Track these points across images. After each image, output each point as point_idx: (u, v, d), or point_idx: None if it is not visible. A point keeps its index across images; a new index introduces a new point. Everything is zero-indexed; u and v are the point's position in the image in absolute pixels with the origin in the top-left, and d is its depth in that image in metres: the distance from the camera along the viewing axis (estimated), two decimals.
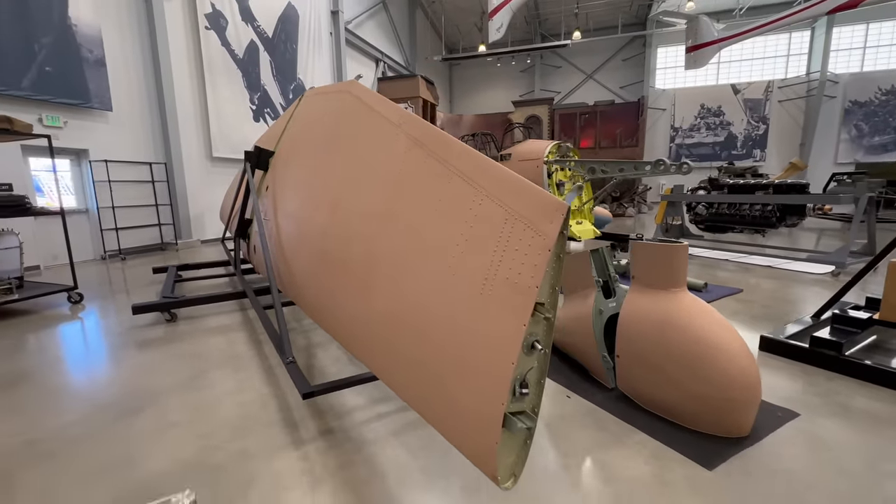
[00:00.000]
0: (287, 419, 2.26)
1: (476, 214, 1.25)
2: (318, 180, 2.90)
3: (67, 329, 3.87)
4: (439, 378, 1.21)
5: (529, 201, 1.09)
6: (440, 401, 1.21)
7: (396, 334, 1.50)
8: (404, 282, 1.51)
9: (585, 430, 2.10)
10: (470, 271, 1.19)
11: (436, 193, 1.50)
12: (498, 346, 1.04)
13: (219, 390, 2.63)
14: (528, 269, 1.03)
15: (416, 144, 1.76)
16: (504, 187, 1.20)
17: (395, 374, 1.53)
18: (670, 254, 2.22)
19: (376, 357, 1.68)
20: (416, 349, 1.36)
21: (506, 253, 1.10)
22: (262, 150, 5.05)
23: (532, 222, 1.06)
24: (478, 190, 1.29)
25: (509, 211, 1.14)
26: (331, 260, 2.29)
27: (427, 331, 1.30)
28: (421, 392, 1.34)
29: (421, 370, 1.33)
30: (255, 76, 10.57)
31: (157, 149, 8.45)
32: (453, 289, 1.23)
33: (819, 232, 10.13)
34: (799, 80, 18.86)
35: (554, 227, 1.00)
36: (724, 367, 1.99)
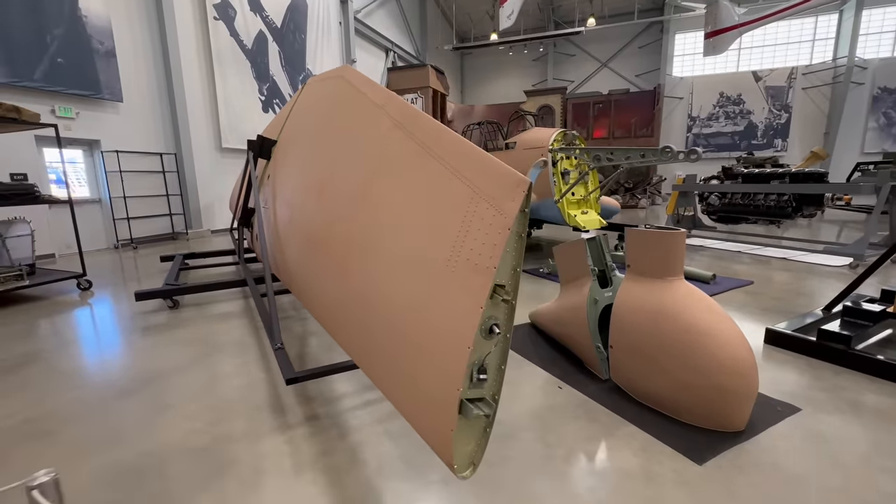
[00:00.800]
0: (276, 404, 2.27)
1: (445, 194, 1.21)
2: (310, 167, 2.88)
3: (75, 315, 3.96)
4: (403, 362, 1.18)
5: (493, 179, 1.03)
6: (404, 386, 1.17)
7: (368, 317, 1.47)
8: (377, 264, 1.48)
9: (575, 422, 2.05)
10: (435, 252, 1.15)
11: (410, 174, 1.46)
12: (455, 329, 0.99)
13: (214, 374, 2.65)
14: (487, 249, 0.98)
15: (397, 125, 1.72)
16: (472, 166, 1.15)
17: (368, 359, 1.51)
18: (666, 241, 2.13)
19: (353, 341, 1.66)
20: (384, 333, 1.33)
21: (469, 233, 1.05)
22: (264, 139, 5.05)
23: (494, 200, 1.01)
24: (448, 169, 1.24)
25: (475, 189, 1.09)
26: (316, 245, 2.27)
27: (394, 314, 1.26)
28: (389, 377, 1.31)
29: (388, 354, 1.30)
30: (263, 67, 10.59)
31: (167, 139, 8.56)
32: (420, 270, 1.19)
33: (841, 224, 9.76)
34: (825, 66, 18.08)
35: (514, 205, 0.95)
36: (715, 354, 1.91)
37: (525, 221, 0.96)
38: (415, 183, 1.40)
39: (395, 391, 1.26)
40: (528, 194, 0.94)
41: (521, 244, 0.97)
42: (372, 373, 1.47)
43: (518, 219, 0.94)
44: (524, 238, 0.96)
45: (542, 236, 8.35)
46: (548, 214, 5.49)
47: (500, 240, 0.95)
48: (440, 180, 1.25)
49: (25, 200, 4.26)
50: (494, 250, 0.96)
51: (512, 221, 0.94)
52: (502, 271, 0.96)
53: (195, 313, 3.96)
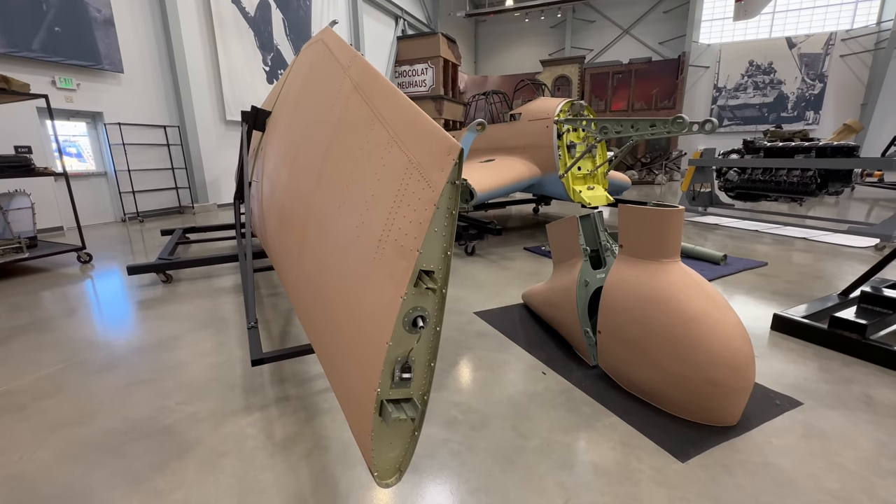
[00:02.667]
0: (249, 384, 2.21)
1: (384, 164, 1.06)
2: (288, 138, 2.74)
3: (71, 288, 3.98)
4: (337, 356, 1.07)
5: (425, 145, 0.88)
6: (338, 381, 1.06)
7: (317, 303, 1.36)
8: (324, 245, 1.36)
9: (554, 411, 1.94)
10: (370, 231, 1.01)
11: (360, 143, 1.31)
12: (375, 321, 0.86)
13: (194, 351, 2.62)
14: (412, 229, 0.83)
15: (355, 89, 1.55)
16: (412, 131, 0.99)
17: (319, 347, 1.40)
18: (661, 219, 1.94)
19: (308, 326, 1.55)
20: (327, 321, 1.22)
21: (399, 209, 0.91)
22: (259, 110, 4.90)
23: (424, 170, 0.86)
24: (391, 135, 1.09)
25: (410, 158, 0.94)
26: (284, 222, 2.16)
27: (332, 302, 1.14)
28: (330, 369, 1.20)
29: (329, 345, 1.19)
30: (267, 35, 10.30)
31: (170, 112, 8.47)
32: (355, 251, 1.06)
33: (871, 202, 9.20)
34: (867, 30, 16.73)
35: (442, 176, 0.80)
36: (708, 346, 1.76)
37: (456, 195, 0.81)
38: (362, 152, 1.25)
39: (334, 385, 1.16)
40: (458, 163, 0.79)
41: (451, 222, 0.82)
42: (322, 361, 1.37)
43: (447, 192, 0.79)
44: (455, 215, 0.82)
45: (550, 212, 8.10)
46: (551, 189, 5.26)
47: (425, 217, 0.81)
48: (383, 149, 1.10)
49: (20, 173, 4.24)
50: (419, 230, 0.81)
51: (437, 195, 0.79)
52: (430, 254, 0.82)
53: (189, 288, 3.94)
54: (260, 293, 3.69)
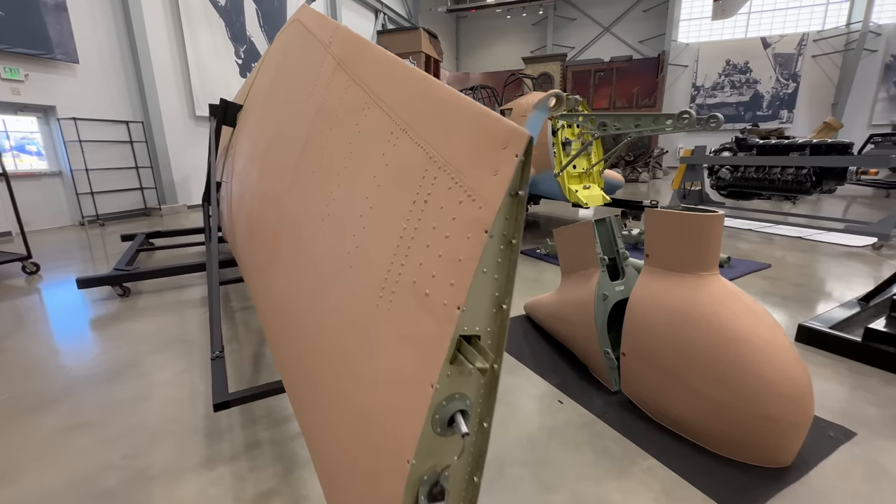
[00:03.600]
0: (214, 426, 1.85)
1: (388, 162, 0.74)
2: (260, 132, 2.37)
3: (11, 304, 3.49)
4: (322, 434, 0.75)
5: (461, 133, 0.57)
6: (327, 453, 0.74)
7: (287, 341, 1.03)
8: (301, 264, 1.03)
9: (579, 453, 1.65)
10: (369, 261, 0.69)
11: (349, 134, 0.98)
12: (383, 414, 0.55)
13: (150, 382, 2.23)
14: (448, 270, 0.52)
15: (340, 67, 1.22)
16: (431, 112, 0.67)
17: (294, 392, 1.07)
18: (700, 227, 1.68)
19: (281, 361, 1.22)
20: (302, 373, 0.89)
21: (418, 232, 0.59)
22: (229, 103, 4.48)
23: (462, 172, 0.55)
24: (395, 122, 0.76)
25: (432, 152, 0.62)
26: (253, 230, 1.80)
27: (308, 350, 0.82)
28: (309, 430, 0.87)
29: (307, 408, 0.86)
30: (239, 26, 9.73)
31: (133, 106, 7.86)
32: (346, 287, 0.74)
33: (849, 199, 9.34)
34: (837, 31, 17.20)
35: (499, 185, 0.49)
36: (762, 372, 1.50)
37: (518, 212, 0.50)
38: (354, 148, 0.92)
39: (315, 452, 0.83)
40: (525, 160, 0.48)
41: (510, 256, 0.52)
42: (297, 411, 1.03)
43: (505, 209, 0.49)
44: (516, 245, 0.51)
45: (539, 212, 7.87)
46: (546, 189, 5.00)
47: (469, 251, 0.50)
48: (384, 140, 0.78)
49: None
50: (460, 273, 0.50)
51: (490, 215, 0.48)
52: (476, 308, 0.52)
53: (151, 302, 3.51)
54: (230, 308, 3.30)
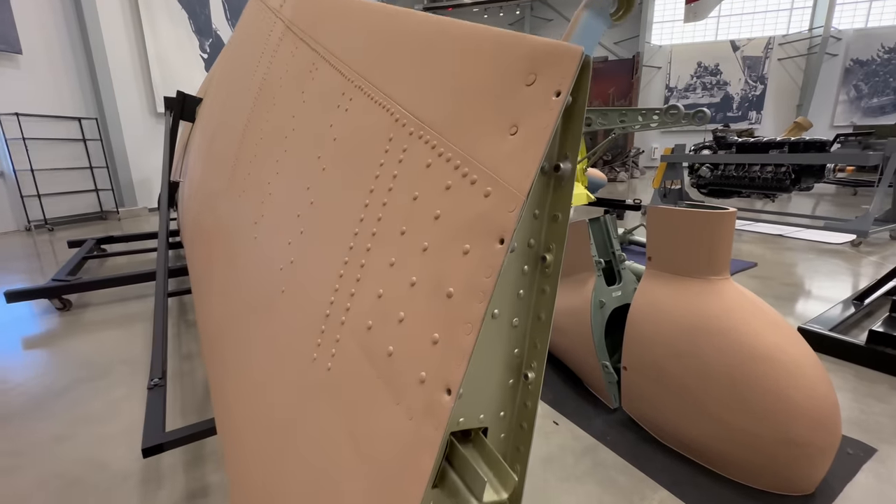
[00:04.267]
0: (151, 468, 1.56)
1: (336, 135, 0.49)
2: (209, 122, 2.08)
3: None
4: (271, 474, 0.50)
5: (450, 69, 0.33)
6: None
7: (220, 369, 0.77)
8: (232, 282, 0.77)
9: (581, 485, 1.44)
10: (304, 286, 0.45)
11: (293, 106, 0.72)
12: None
13: (79, 415, 1.91)
14: (428, 311, 0.29)
15: (289, 29, 0.96)
16: (397, 53, 0.43)
17: (221, 431, 0.81)
18: (710, 225, 1.50)
19: (213, 393, 0.95)
20: (233, 406, 0.64)
21: (376, 241, 0.35)
22: (187, 96, 4.12)
23: (450, 137, 0.31)
24: (348, 77, 0.52)
25: (397, 111, 0.38)
26: (196, 234, 1.52)
27: (243, 388, 0.57)
28: (238, 476, 0.62)
29: (238, 450, 0.61)
30: (204, 19, 9.23)
31: (87, 102, 7.30)
32: (278, 324, 0.49)
33: (817, 197, 9.58)
34: (801, 36, 17.85)
35: (524, 152, 0.26)
36: (787, 393, 1.32)
37: (564, 201, 0.27)
38: (293, 124, 0.67)
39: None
40: (576, 101, 0.25)
41: (546, 282, 0.29)
42: (226, 453, 0.77)
43: (538, 194, 0.26)
44: (554, 264, 0.28)
45: None
46: None
47: (469, 274, 0.26)
48: (331, 107, 0.53)
49: None
50: (452, 316, 0.27)
51: (513, 208, 0.25)
52: (482, 381, 0.29)
53: (97, 315, 3.14)
54: (189, 320, 2.97)
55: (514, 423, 0.34)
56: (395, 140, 0.40)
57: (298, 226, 0.53)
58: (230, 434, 0.67)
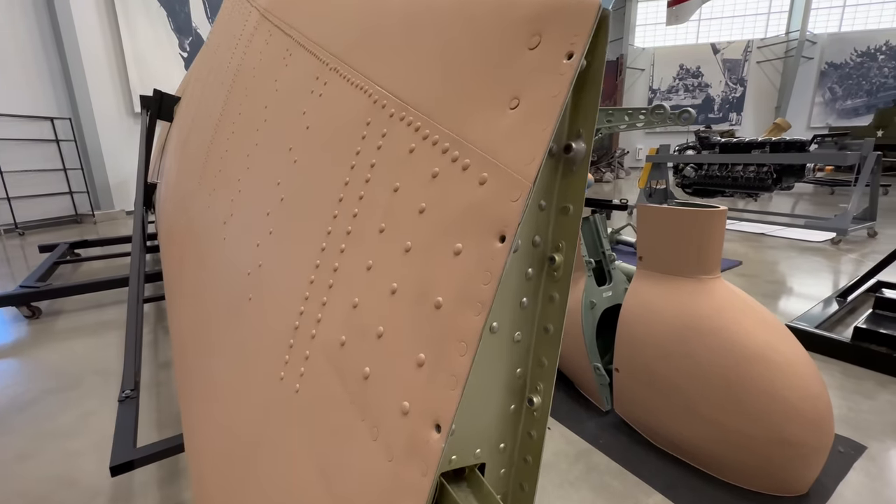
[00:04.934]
0: (122, 486, 1.47)
1: (310, 123, 0.44)
2: (185, 117, 2.00)
3: None
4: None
5: (436, 39, 0.28)
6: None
7: (188, 382, 0.71)
8: (201, 286, 0.71)
9: (575, 491, 1.40)
10: (273, 293, 0.39)
11: (266, 96, 0.67)
12: None
13: (47, 429, 1.80)
14: (411, 325, 0.24)
15: (264, 17, 0.90)
16: (377, 30, 0.38)
17: (188, 447, 0.74)
18: (701, 223, 1.48)
19: (181, 398, 0.89)
20: (199, 421, 0.58)
21: (351, 240, 0.29)
22: (164, 94, 3.98)
23: (437, 116, 0.26)
24: (323, 60, 0.46)
25: (376, 92, 0.32)
26: (169, 235, 1.44)
27: (210, 404, 0.51)
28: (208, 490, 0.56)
29: (205, 473, 0.55)
30: (184, 17, 9.01)
31: (59, 101, 7.04)
32: (245, 335, 0.44)
33: (796, 197, 9.81)
34: (778, 39, 18.31)
35: (527, 129, 0.21)
36: (781, 394, 1.31)
37: (576, 188, 0.22)
38: (265, 115, 0.62)
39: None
40: (591, 66, 0.20)
41: (556, 289, 0.24)
42: (192, 473, 0.71)
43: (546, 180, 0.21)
44: (565, 266, 0.24)
45: None
46: None
47: (462, 280, 0.22)
48: (304, 94, 0.48)
49: None
50: (441, 333, 0.22)
51: (517, 197, 0.20)
52: (478, 408, 0.24)
53: (70, 323, 3.00)
54: (164, 327, 2.85)
55: (516, 457, 0.29)
56: (374, 124, 0.35)
57: (268, 225, 0.48)
58: (196, 453, 0.61)
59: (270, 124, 0.63)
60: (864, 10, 17.52)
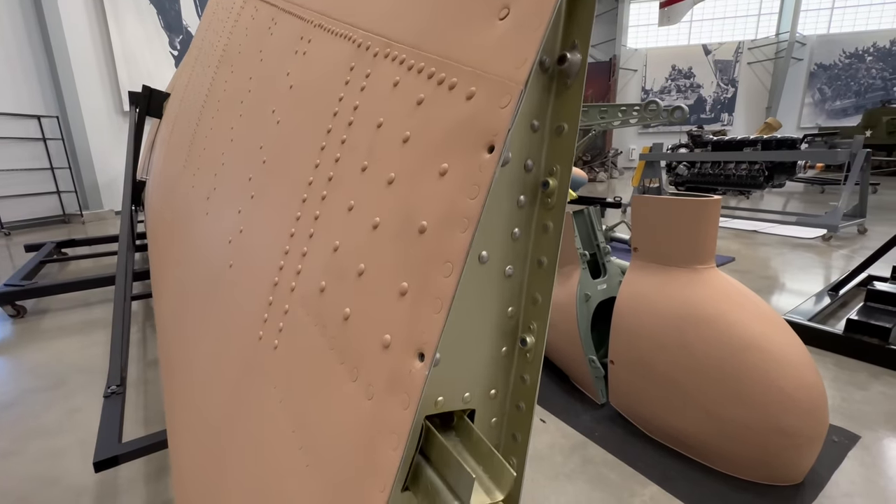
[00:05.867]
0: (108, 482, 1.43)
1: (293, 83, 0.41)
2: (172, 110, 1.96)
3: None
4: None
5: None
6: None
7: (170, 366, 0.68)
8: (186, 264, 0.68)
9: (571, 484, 1.39)
10: (253, 256, 0.37)
11: (250, 68, 0.64)
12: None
13: (30, 428, 1.75)
14: (392, 256, 0.22)
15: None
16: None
17: (172, 428, 0.72)
18: (695, 213, 1.47)
19: (165, 389, 0.86)
20: (178, 408, 0.55)
21: (333, 186, 0.27)
22: (153, 90, 3.92)
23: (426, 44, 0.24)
24: (307, 19, 0.44)
25: (361, 37, 0.30)
26: (155, 224, 1.41)
27: (191, 384, 0.49)
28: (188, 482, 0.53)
29: (190, 463, 0.53)
30: (174, 14, 8.92)
31: (46, 99, 6.93)
32: (225, 302, 0.41)
33: (787, 195, 9.91)
34: (768, 40, 18.53)
35: (518, 36, 0.20)
36: (777, 383, 1.30)
37: (573, 103, 0.21)
38: (248, 86, 0.59)
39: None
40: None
41: (552, 211, 0.22)
42: (172, 465, 0.68)
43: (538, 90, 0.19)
44: (561, 185, 0.22)
45: None
46: None
47: (448, 199, 0.20)
48: (289, 55, 0.46)
49: None
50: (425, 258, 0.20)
51: (506, 104, 0.18)
52: (467, 346, 0.22)
53: (56, 322, 2.94)
54: (153, 325, 2.80)
55: (509, 405, 0.27)
56: (357, 68, 0.33)
57: (250, 190, 0.46)
58: (177, 443, 0.59)
59: (254, 94, 0.61)
60: (852, 11, 17.78)
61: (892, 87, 17.18)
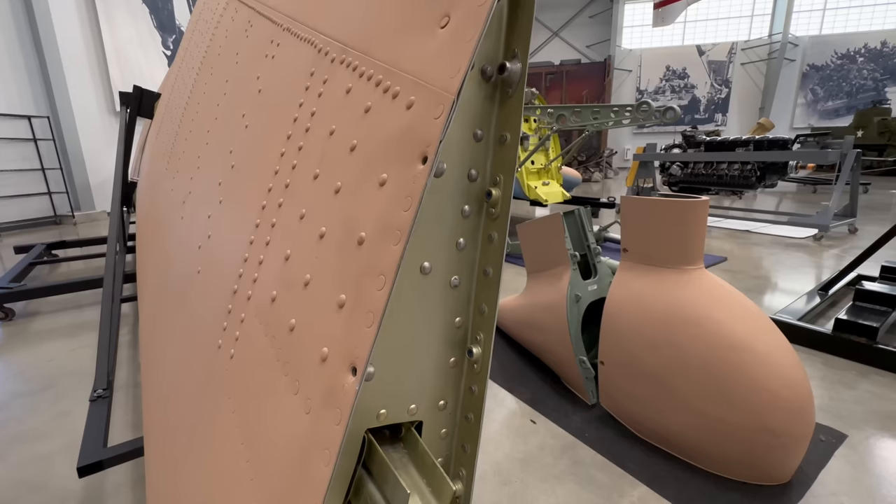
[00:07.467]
0: (95, 487, 1.42)
1: (262, 87, 0.41)
2: (161, 112, 1.95)
3: None
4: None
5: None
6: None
7: (147, 371, 0.67)
8: (162, 268, 0.68)
9: (561, 485, 1.39)
10: (217, 263, 0.36)
11: (227, 70, 0.64)
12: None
13: (15, 432, 1.73)
14: (333, 267, 0.22)
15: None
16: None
17: (148, 434, 0.71)
18: (683, 214, 1.48)
19: (144, 393, 0.85)
20: (153, 413, 0.54)
21: (290, 193, 0.27)
22: (144, 91, 3.90)
23: (374, 52, 0.24)
24: (278, 22, 0.43)
25: (322, 42, 0.30)
26: (145, 224, 1.40)
27: (161, 391, 0.48)
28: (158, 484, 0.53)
29: (161, 467, 0.52)
30: (167, 14, 8.86)
31: (37, 99, 6.87)
32: (192, 309, 0.41)
33: (780, 195, 9.99)
34: (761, 41, 18.67)
35: (453, 44, 0.19)
36: (764, 382, 1.31)
37: (513, 110, 0.20)
38: (225, 88, 0.59)
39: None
40: None
41: (493, 219, 0.22)
42: (147, 472, 0.67)
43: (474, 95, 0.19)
44: (503, 190, 0.21)
45: None
46: None
47: (383, 211, 0.19)
48: (259, 59, 0.45)
49: None
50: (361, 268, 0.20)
51: (440, 113, 0.18)
52: (410, 356, 0.22)
53: (45, 325, 2.91)
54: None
55: (459, 416, 0.27)
56: (317, 73, 0.33)
57: (219, 195, 0.45)
58: (150, 450, 0.58)
59: (229, 97, 0.60)
60: (844, 13, 17.94)
61: (883, 88, 17.34)
